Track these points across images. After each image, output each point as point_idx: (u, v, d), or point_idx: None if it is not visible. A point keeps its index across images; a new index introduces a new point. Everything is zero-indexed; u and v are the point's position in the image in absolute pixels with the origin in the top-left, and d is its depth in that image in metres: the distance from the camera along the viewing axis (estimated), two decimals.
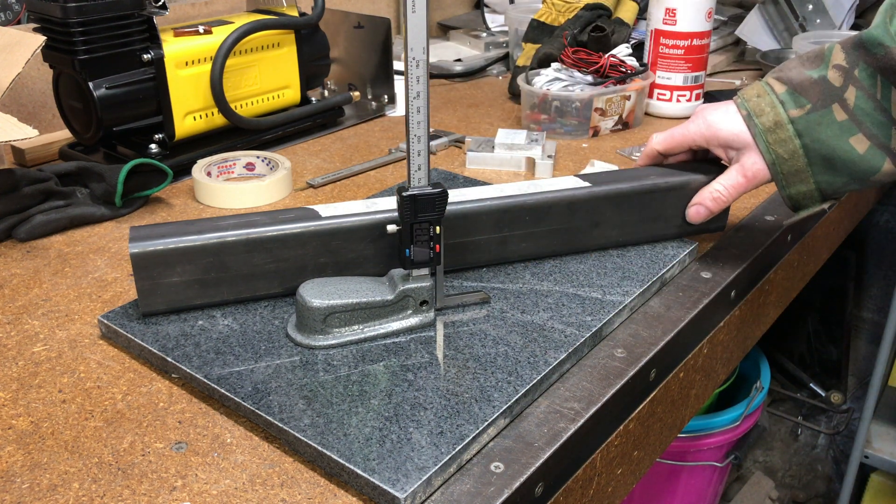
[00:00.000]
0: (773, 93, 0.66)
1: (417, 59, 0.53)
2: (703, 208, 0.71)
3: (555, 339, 0.59)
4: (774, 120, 0.65)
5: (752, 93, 0.67)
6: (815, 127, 0.64)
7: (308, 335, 0.58)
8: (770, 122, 0.65)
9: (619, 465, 0.61)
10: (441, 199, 0.58)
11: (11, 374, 0.58)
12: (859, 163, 0.64)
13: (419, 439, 0.49)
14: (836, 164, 0.64)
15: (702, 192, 0.71)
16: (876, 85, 0.62)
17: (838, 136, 0.63)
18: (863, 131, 0.63)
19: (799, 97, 0.65)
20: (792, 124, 0.64)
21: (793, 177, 0.66)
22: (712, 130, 0.69)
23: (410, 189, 0.57)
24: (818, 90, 0.64)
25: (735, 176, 0.68)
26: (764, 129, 0.65)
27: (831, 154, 0.64)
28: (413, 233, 0.58)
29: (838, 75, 0.64)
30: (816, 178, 0.65)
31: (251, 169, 0.94)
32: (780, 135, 0.65)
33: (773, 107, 0.65)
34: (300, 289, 0.59)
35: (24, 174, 0.79)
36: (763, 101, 0.66)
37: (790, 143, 0.65)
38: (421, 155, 0.56)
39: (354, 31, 1.17)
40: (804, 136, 0.64)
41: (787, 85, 0.65)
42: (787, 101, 0.65)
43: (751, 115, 0.66)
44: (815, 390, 1.81)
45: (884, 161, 0.63)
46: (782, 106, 0.65)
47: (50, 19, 0.85)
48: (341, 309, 0.58)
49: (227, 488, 0.47)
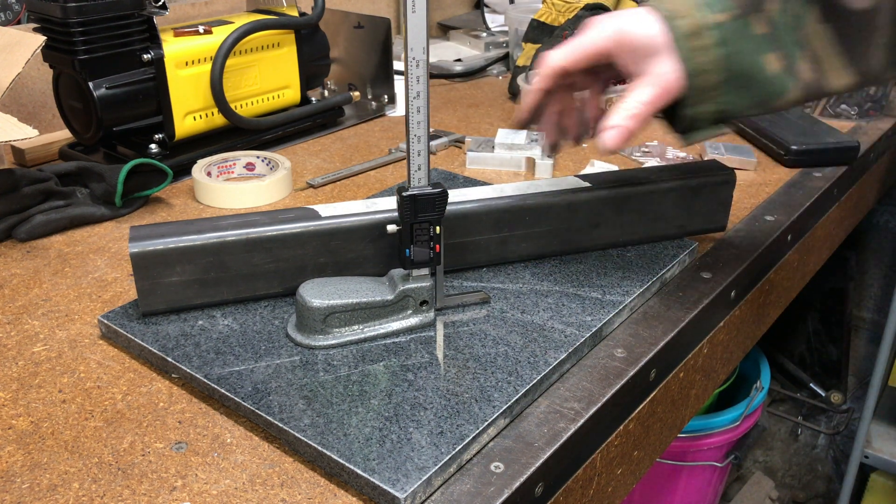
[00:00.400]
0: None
1: (417, 59, 0.53)
2: (623, 129, 0.58)
3: (555, 339, 0.59)
4: (697, 23, 0.56)
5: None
6: (737, 37, 0.56)
7: (308, 335, 0.58)
8: (692, 25, 0.56)
9: (619, 465, 0.61)
10: (441, 199, 0.58)
11: (11, 374, 0.58)
12: (769, 83, 0.57)
13: (419, 439, 0.49)
14: (748, 83, 0.57)
15: (616, 114, 0.58)
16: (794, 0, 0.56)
17: (756, 50, 0.56)
18: (777, 49, 0.56)
19: None
20: (714, 30, 0.56)
21: (703, 93, 0.57)
22: (622, 34, 0.58)
23: (410, 189, 0.57)
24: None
25: (649, 89, 0.58)
26: (684, 34, 0.56)
27: (748, 70, 0.56)
28: (413, 233, 0.58)
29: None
30: (725, 97, 0.57)
31: (251, 169, 0.94)
32: (702, 41, 0.56)
33: (696, 8, 0.56)
34: (300, 289, 0.59)
35: (24, 174, 0.79)
36: (683, 2, 0.57)
37: (711, 53, 0.56)
38: (421, 155, 0.56)
39: (354, 31, 1.17)
40: (727, 45, 0.56)
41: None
42: (711, 3, 0.56)
43: (670, 15, 0.57)
44: (815, 390, 1.81)
45: (790, 84, 0.57)
46: (707, 7, 0.56)
47: (50, 19, 0.85)
48: (341, 309, 0.58)
49: (227, 488, 0.47)
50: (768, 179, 0.94)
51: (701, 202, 0.74)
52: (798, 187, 0.92)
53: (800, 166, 0.98)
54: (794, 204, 0.87)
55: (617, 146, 0.58)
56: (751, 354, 1.59)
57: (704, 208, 0.74)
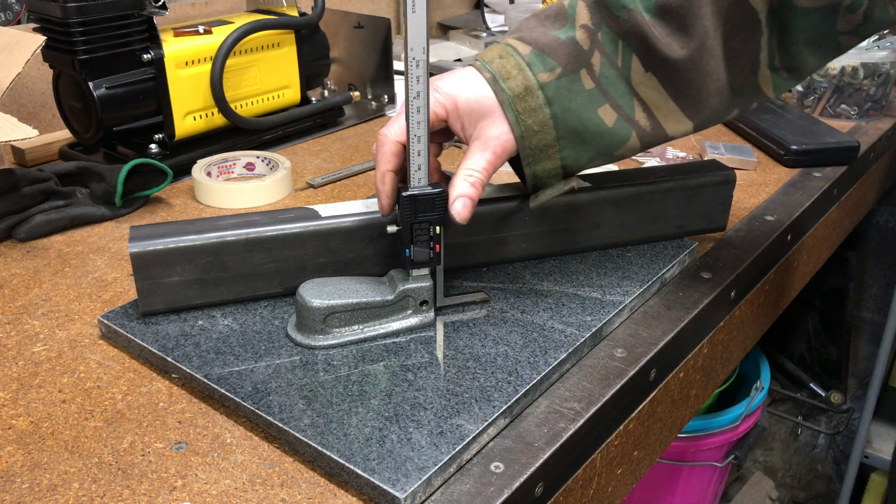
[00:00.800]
0: (518, 54, 0.57)
1: (417, 59, 0.53)
2: (469, 200, 0.57)
3: (555, 339, 0.59)
4: (524, 85, 0.56)
5: (492, 54, 0.58)
6: (565, 94, 0.56)
7: (308, 335, 0.58)
8: (519, 86, 0.56)
9: (619, 465, 0.61)
10: (441, 199, 0.58)
11: (11, 374, 0.58)
12: (607, 136, 0.58)
13: (419, 439, 0.49)
14: (585, 138, 0.57)
15: (457, 185, 0.58)
16: (617, 51, 0.56)
17: (587, 106, 0.57)
18: (609, 101, 0.57)
19: (547, 59, 0.56)
20: (542, 90, 0.56)
21: (540, 152, 0.58)
22: (451, 99, 0.57)
23: (410, 189, 0.57)
24: (566, 52, 0.56)
25: (484, 154, 0.58)
26: (513, 96, 0.56)
27: (581, 126, 0.57)
28: (413, 233, 0.58)
29: (585, 37, 0.57)
30: (563, 153, 0.58)
31: (251, 169, 0.94)
32: (529, 102, 0.56)
33: (520, 69, 0.56)
34: (300, 289, 0.59)
35: (24, 174, 0.79)
36: (507, 62, 0.57)
37: (540, 113, 0.56)
38: (421, 155, 0.56)
39: (354, 31, 1.17)
40: (554, 105, 0.56)
41: (531, 45, 0.57)
42: (534, 63, 0.56)
43: (496, 77, 0.57)
44: (815, 390, 1.81)
45: (630, 133, 0.58)
46: (529, 68, 0.56)
47: (50, 19, 0.85)
48: (341, 309, 0.58)
49: (227, 488, 0.47)
50: (768, 179, 0.94)
51: (701, 202, 0.74)
52: (798, 187, 0.92)
53: (800, 166, 0.98)
54: (794, 204, 0.87)
55: (467, 217, 0.58)
56: (751, 354, 1.59)
57: (704, 208, 0.74)
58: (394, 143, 0.57)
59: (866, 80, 1.11)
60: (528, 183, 0.60)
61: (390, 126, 0.58)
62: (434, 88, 0.57)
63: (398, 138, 0.57)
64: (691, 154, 1.01)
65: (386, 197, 0.59)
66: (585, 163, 0.59)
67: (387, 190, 0.59)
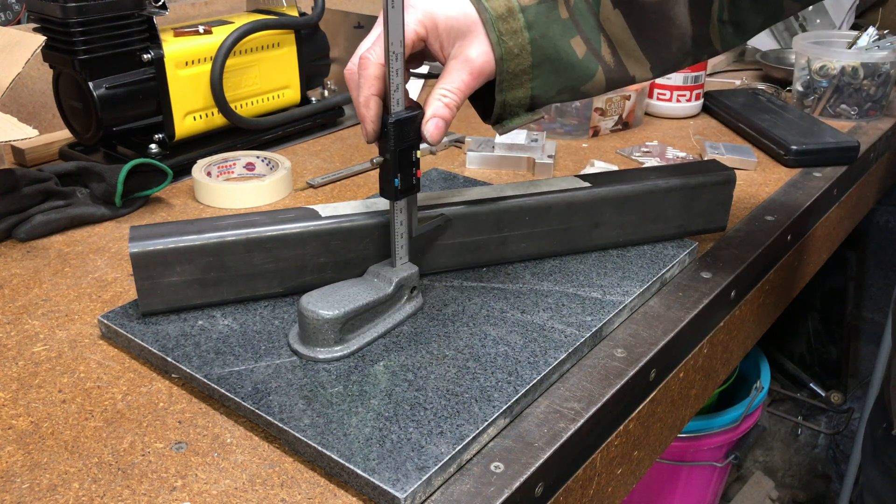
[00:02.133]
0: None
1: (396, 52, 0.53)
2: (441, 120, 0.56)
3: (555, 339, 0.59)
4: (506, 6, 0.55)
5: None
6: (543, 20, 0.56)
7: (326, 349, 0.57)
8: (502, 7, 0.55)
9: (619, 465, 0.61)
10: (420, 119, 0.56)
11: (11, 374, 0.58)
12: (577, 68, 0.57)
13: (419, 439, 0.49)
14: (558, 67, 0.57)
15: (431, 104, 0.57)
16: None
17: (562, 35, 0.57)
18: (580, 34, 0.57)
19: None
20: (523, 13, 0.56)
21: (515, 78, 0.57)
22: (429, 16, 0.56)
23: (393, 115, 0.55)
24: None
25: (460, 74, 0.56)
26: (496, 16, 0.55)
27: (555, 54, 0.57)
28: (400, 161, 0.56)
29: None
30: (534, 83, 0.57)
31: (251, 169, 0.94)
32: (511, 24, 0.55)
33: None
34: (306, 305, 0.57)
35: (24, 174, 0.79)
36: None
37: (520, 36, 0.56)
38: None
39: (354, 31, 1.17)
40: (534, 29, 0.56)
41: None
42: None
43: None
44: (815, 390, 1.81)
45: (597, 69, 0.58)
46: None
47: (50, 19, 0.85)
48: (354, 314, 0.58)
49: (227, 488, 0.47)
50: (768, 179, 0.94)
51: (701, 202, 0.74)
52: (798, 187, 0.92)
53: (800, 166, 0.98)
54: (794, 204, 0.87)
55: (438, 138, 0.57)
56: (751, 354, 1.59)
57: (704, 208, 0.74)
58: (377, 66, 0.55)
59: (866, 80, 1.11)
60: (494, 111, 0.59)
61: (372, 49, 0.55)
62: (410, 5, 0.55)
63: (382, 61, 0.55)
64: (691, 154, 1.01)
65: (371, 122, 0.56)
66: (553, 95, 0.59)
67: (371, 115, 0.56)
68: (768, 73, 1.34)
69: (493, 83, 0.58)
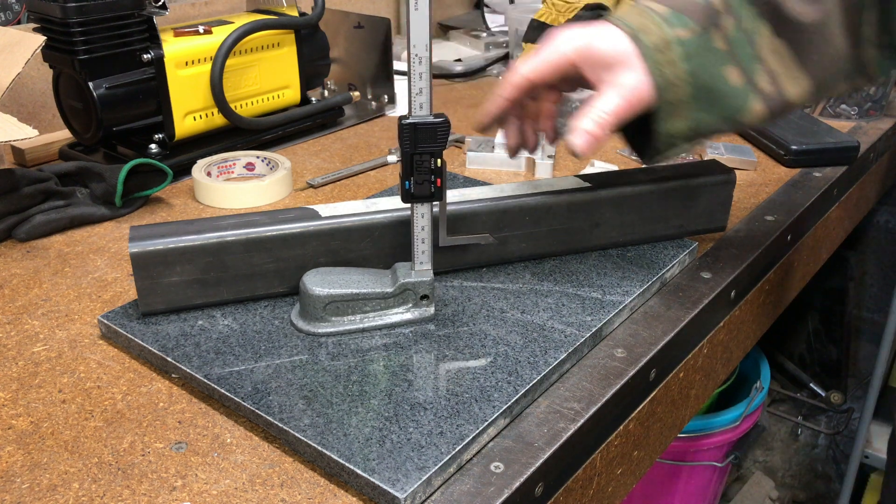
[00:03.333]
0: (655, 12, 0.58)
1: (420, 55, 0.53)
2: (591, 136, 0.58)
3: (555, 339, 0.59)
4: (662, 38, 0.57)
5: (628, 12, 0.60)
6: (701, 52, 0.57)
7: (309, 322, 0.60)
8: (658, 40, 0.57)
9: (619, 465, 0.61)
10: (443, 128, 0.56)
11: (11, 374, 0.58)
12: (733, 99, 0.58)
13: (419, 439, 0.49)
14: (716, 98, 0.58)
15: (582, 119, 0.58)
16: (749, 16, 0.58)
17: (718, 64, 0.58)
18: (737, 64, 0.58)
19: (683, 17, 0.58)
20: (680, 45, 0.57)
21: (674, 108, 0.58)
22: (590, 48, 0.58)
23: (411, 117, 0.55)
24: (701, 12, 0.58)
25: (616, 98, 0.58)
26: (652, 48, 0.57)
27: (714, 85, 0.58)
28: (413, 164, 0.56)
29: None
30: (694, 113, 0.58)
31: (251, 169, 0.94)
32: (668, 55, 0.57)
33: (659, 25, 0.57)
34: (304, 277, 0.60)
35: (24, 174, 0.79)
36: (646, 19, 0.58)
37: (677, 67, 0.57)
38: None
39: (354, 31, 1.17)
40: (691, 61, 0.57)
41: (667, 6, 0.59)
42: (672, 21, 0.58)
43: (636, 32, 0.58)
44: (815, 390, 1.81)
45: (753, 98, 0.58)
46: (668, 24, 0.57)
47: (50, 19, 0.85)
48: (340, 298, 0.59)
49: (227, 488, 0.47)
50: (768, 179, 0.94)
51: (701, 202, 0.74)
52: (798, 187, 0.92)
53: (800, 166, 0.98)
54: (794, 204, 0.87)
55: (586, 151, 0.58)
56: (751, 354, 1.59)
57: (704, 208, 0.74)
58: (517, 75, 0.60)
59: None
60: (653, 142, 0.60)
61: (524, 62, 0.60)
62: (566, 31, 0.59)
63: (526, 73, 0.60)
64: (691, 154, 1.01)
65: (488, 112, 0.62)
66: (710, 126, 0.59)
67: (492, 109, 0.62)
68: None
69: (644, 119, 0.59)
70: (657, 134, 0.59)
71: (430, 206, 0.59)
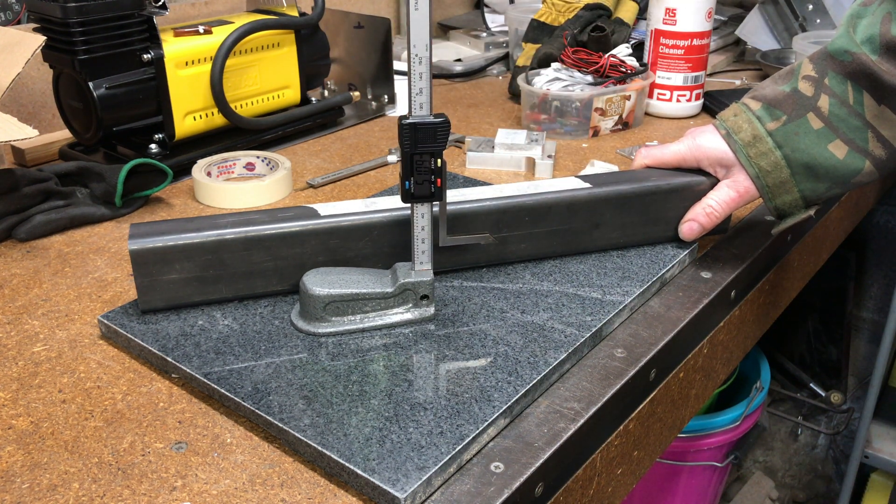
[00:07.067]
0: (749, 110, 0.68)
1: (420, 55, 0.53)
2: (697, 224, 0.72)
3: (555, 339, 0.59)
4: (753, 134, 0.67)
5: (728, 113, 0.70)
6: (792, 137, 0.66)
7: (309, 322, 0.60)
8: (748, 136, 0.68)
9: (619, 465, 0.61)
10: (443, 128, 0.56)
11: (11, 374, 0.58)
12: (840, 168, 0.65)
13: (419, 439, 0.49)
14: (818, 171, 0.66)
15: (694, 209, 0.72)
16: (847, 91, 0.64)
17: (816, 143, 0.65)
18: (840, 137, 0.65)
19: (774, 110, 0.67)
20: (770, 136, 0.67)
21: (778, 188, 0.68)
22: (701, 150, 0.71)
23: (411, 117, 0.56)
24: (791, 102, 0.66)
25: (727, 191, 0.70)
26: (743, 144, 0.68)
27: (812, 161, 0.66)
28: (413, 164, 0.57)
29: (809, 85, 0.66)
30: (800, 187, 0.67)
31: (251, 169, 0.94)
32: (760, 148, 0.67)
33: (750, 122, 0.68)
34: (304, 276, 0.60)
35: (24, 174, 0.79)
36: (740, 118, 0.69)
37: (771, 155, 0.67)
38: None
39: (354, 31, 1.17)
40: (784, 147, 0.66)
41: (761, 101, 0.68)
42: (762, 116, 0.67)
43: (729, 133, 0.69)
44: (815, 390, 1.81)
45: (864, 163, 0.65)
46: (759, 121, 0.67)
47: (50, 19, 0.85)
48: (340, 298, 0.59)
49: (227, 488, 0.47)
50: None
51: None
52: None
53: None
54: None
55: (689, 238, 0.73)
56: (751, 354, 1.59)
57: None
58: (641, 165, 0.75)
59: None
60: (772, 213, 0.70)
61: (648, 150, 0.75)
62: (689, 139, 0.72)
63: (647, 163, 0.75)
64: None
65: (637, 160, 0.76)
66: (823, 192, 0.67)
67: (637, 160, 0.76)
68: (768, 73, 1.34)
69: None
70: (771, 209, 0.70)
71: (430, 206, 0.59)
